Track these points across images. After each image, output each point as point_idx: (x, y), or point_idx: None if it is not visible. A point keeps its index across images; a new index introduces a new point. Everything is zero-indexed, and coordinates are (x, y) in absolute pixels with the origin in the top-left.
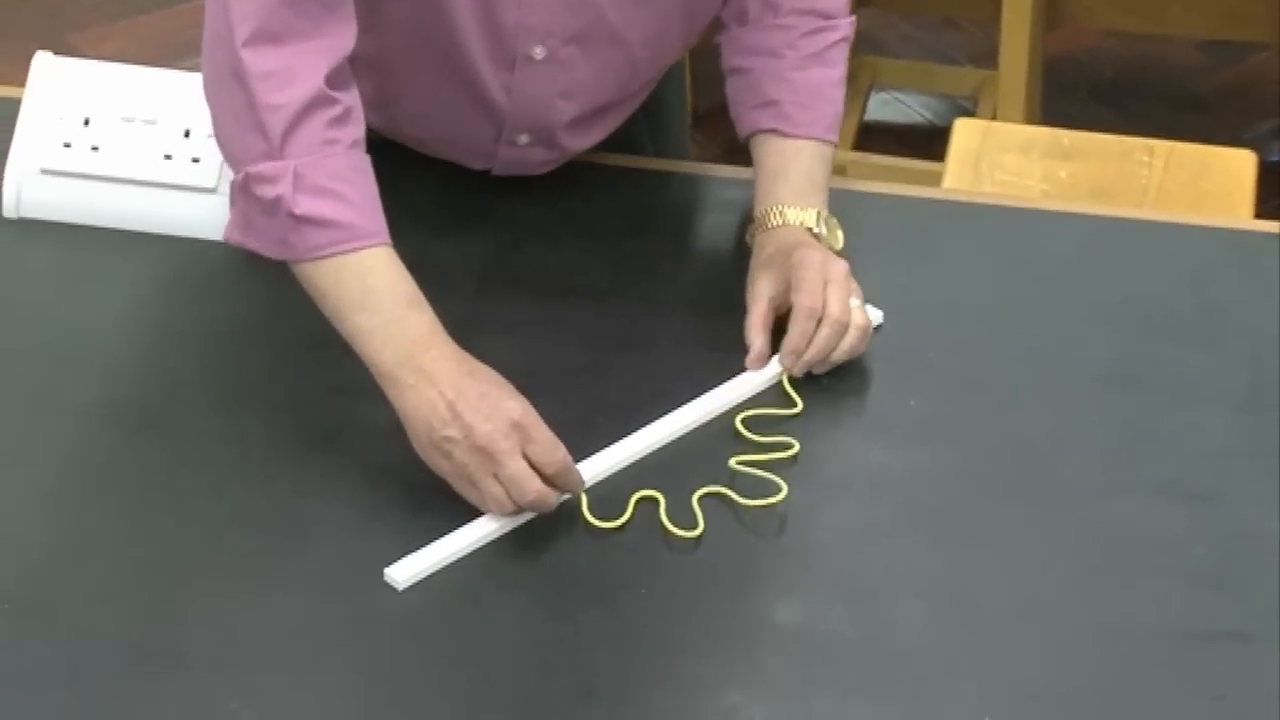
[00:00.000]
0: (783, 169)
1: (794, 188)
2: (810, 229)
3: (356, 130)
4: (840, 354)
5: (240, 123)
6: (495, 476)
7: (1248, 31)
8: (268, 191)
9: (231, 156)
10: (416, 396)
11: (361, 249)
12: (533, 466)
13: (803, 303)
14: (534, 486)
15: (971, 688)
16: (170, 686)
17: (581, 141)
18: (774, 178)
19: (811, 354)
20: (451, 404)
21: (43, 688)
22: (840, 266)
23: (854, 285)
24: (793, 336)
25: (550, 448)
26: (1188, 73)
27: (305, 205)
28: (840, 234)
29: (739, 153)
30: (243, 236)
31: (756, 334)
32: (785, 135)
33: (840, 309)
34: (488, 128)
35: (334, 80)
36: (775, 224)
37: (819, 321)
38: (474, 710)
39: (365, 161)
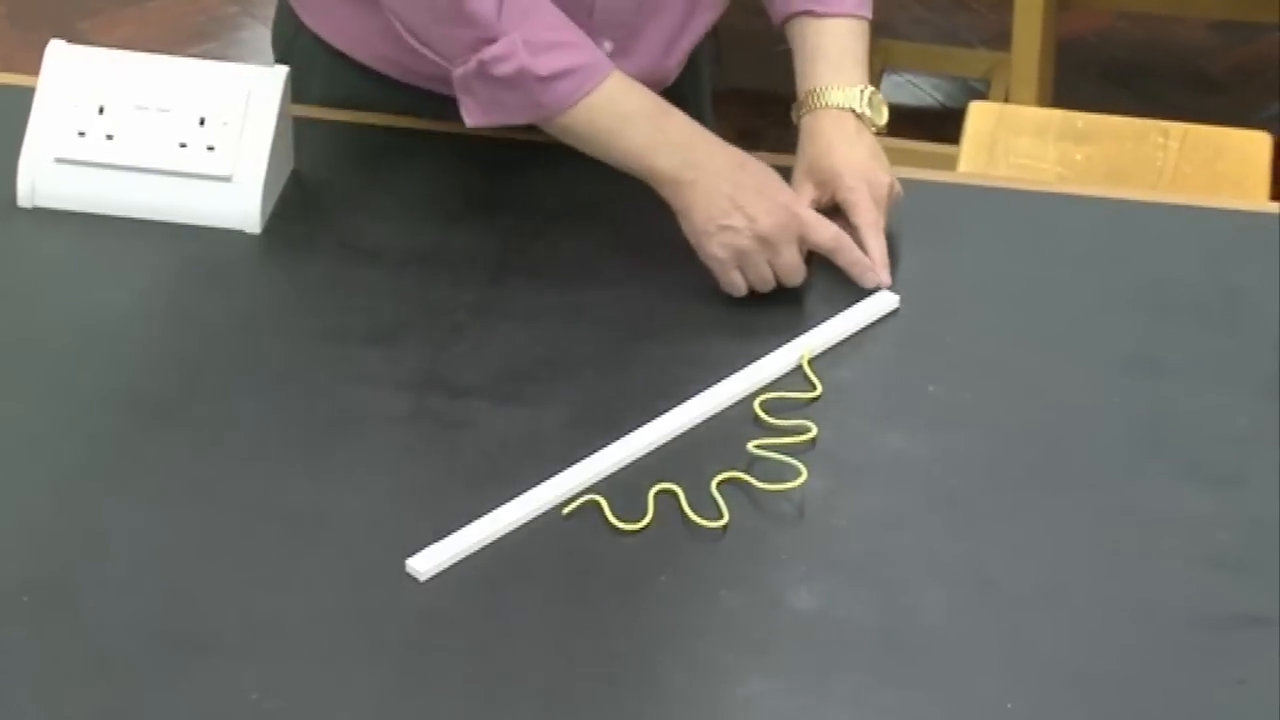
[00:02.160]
0: (820, 47)
1: (833, 66)
2: (853, 109)
3: None
4: None
5: (447, 21)
6: (769, 262)
7: (1259, 12)
8: (508, 68)
9: (444, 54)
10: (696, 191)
11: (601, 82)
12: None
13: (863, 221)
14: (803, 273)
15: (994, 673)
16: (191, 675)
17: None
18: (813, 57)
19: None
20: (731, 196)
21: (63, 677)
22: (883, 184)
23: (893, 195)
24: (875, 256)
25: (819, 227)
26: (1199, 53)
27: (546, 65)
28: (885, 110)
29: (753, 137)
30: (488, 116)
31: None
32: (819, 15)
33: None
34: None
35: None
36: (818, 105)
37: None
38: (496, 700)
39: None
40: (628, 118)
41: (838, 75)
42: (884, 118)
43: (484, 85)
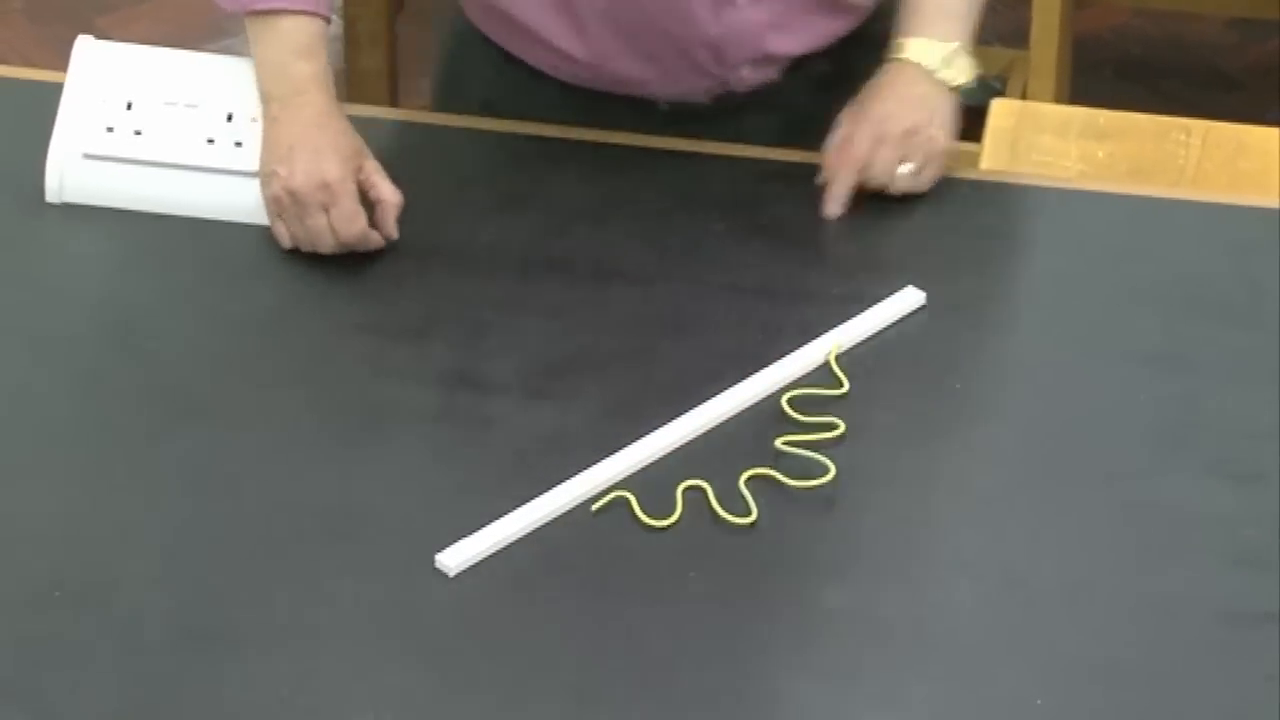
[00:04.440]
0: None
1: (922, 18)
2: (923, 65)
3: None
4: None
5: None
6: (300, 220)
7: (1276, 10)
8: None
9: None
10: (271, 130)
11: (292, 12)
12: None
13: (840, 160)
14: (325, 243)
15: (1022, 669)
16: (222, 671)
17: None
18: (910, 5)
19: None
20: (291, 147)
21: (94, 673)
22: (900, 124)
23: (919, 141)
24: (833, 190)
25: (348, 220)
26: (1216, 51)
27: None
28: (968, 70)
29: (786, 134)
30: None
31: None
32: None
33: (883, 172)
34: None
35: None
36: (895, 55)
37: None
38: (525, 696)
39: None
40: (277, 34)
41: (923, 28)
42: (964, 77)
43: None
